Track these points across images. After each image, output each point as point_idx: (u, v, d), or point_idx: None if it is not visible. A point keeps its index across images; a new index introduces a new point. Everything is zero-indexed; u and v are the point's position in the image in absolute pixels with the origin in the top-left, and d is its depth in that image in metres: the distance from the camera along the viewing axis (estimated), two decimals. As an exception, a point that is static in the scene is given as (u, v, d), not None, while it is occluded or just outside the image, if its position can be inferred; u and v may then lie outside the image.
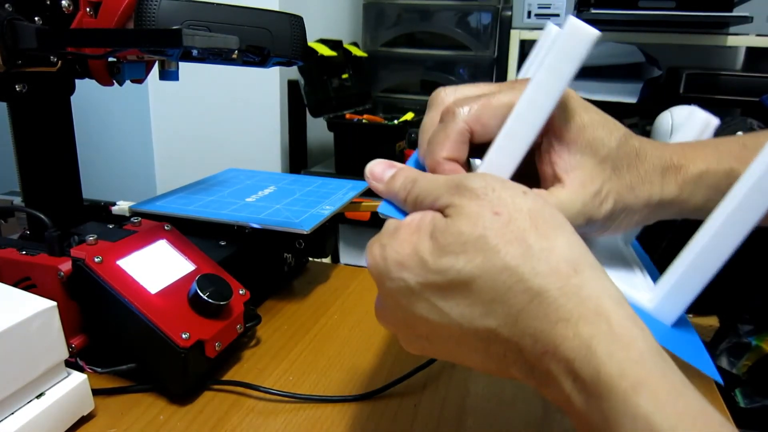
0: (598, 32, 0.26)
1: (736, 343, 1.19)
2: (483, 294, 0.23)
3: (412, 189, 0.27)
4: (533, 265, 0.22)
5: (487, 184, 0.25)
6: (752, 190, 0.24)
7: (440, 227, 0.24)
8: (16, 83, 0.42)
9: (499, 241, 0.23)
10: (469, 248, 0.23)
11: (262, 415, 0.39)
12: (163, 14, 0.38)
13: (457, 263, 0.23)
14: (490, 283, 0.23)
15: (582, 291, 0.22)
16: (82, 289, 0.39)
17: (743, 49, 1.52)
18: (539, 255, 0.22)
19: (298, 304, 0.56)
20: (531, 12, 1.29)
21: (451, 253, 0.23)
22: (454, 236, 0.24)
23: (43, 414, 0.34)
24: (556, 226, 0.24)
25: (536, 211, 0.24)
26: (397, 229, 0.26)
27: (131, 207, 0.56)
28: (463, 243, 0.23)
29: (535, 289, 0.22)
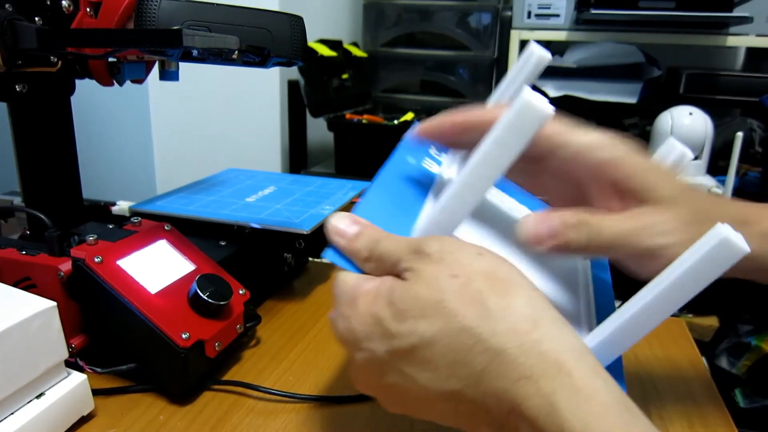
0: (551, 111, 0.25)
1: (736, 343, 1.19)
2: (445, 357, 0.23)
3: (374, 249, 0.27)
4: (492, 325, 0.23)
5: (443, 247, 0.25)
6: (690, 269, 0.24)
7: (399, 292, 0.25)
8: (16, 83, 0.42)
9: (457, 304, 0.23)
10: (429, 312, 0.23)
11: (262, 415, 0.39)
12: (163, 14, 0.38)
13: (418, 328, 0.24)
14: (450, 346, 0.23)
15: (541, 346, 0.22)
16: (82, 289, 0.39)
17: (743, 49, 1.52)
18: (497, 315, 0.23)
19: (298, 304, 0.56)
20: (531, 12, 1.29)
21: (411, 318, 0.24)
22: (412, 301, 0.24)
23: (43, 414, 0.34)
24: (513, 284, 0.24)
25: (492, 272, 0.24)
26: (355, 298, 0.26)
27: (131, 207, 0.56)
28: (423, 308, 0.24)
29: (495, 348, 0.22)
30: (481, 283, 0.24)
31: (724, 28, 1.22)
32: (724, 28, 1.22)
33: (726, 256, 0.23)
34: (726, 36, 1.22)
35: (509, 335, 0.22)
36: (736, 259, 0.23)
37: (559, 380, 0.21)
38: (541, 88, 1.34)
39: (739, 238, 0.23)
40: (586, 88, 1.31)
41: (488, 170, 0.27)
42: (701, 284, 0.24)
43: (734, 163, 1.04)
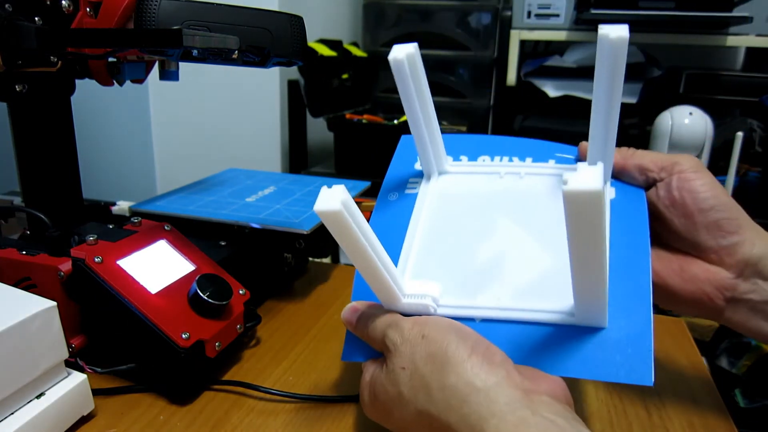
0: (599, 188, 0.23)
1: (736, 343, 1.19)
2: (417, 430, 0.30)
3: (364, 330, 0.34)
4: (437, 405, 0.28)
5: (397, 338, 0.31)
6: None
7: (378, 386, 0.32)
8: (16, 83, 0.42)
9: (410, 395, 0.29)
10: (395, 404, 0.30)
11: (262, 415, 0.39)
12: (163, 14, 0.38)
13: (393, 416, 0.31)
14: (418, 424, 0.29)
15: (469, 419, 0.27)
16: (82, 289, 0.39)
17: (743, 49, 1.52)
18: (438, 396, 0.28)
19: (298, 304, 0.56)
20: (531, 12, 1.29)
21: (387, 409, 0.31)
22: (383, 395, 0.31)
23: (43, 414, 0.34)
24: (448, 363, 0.28)
25: (433, 355, 0.29)
26: (362, 391, 0.34)
27: (131, 207, 0.56)
28: (390, 400, 0.31)
29: (444, 424, 0.28)
30: (424, 368, 0.29)
31: (724, 28, 1.22)
32: (724, 28, 1.22)
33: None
34: (726, 36, 1.22)
35: (448, 411, 0.27)
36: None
37: None
38: (541, 88, 1.34)
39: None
40: (586, 88, 1.31)
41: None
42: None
43: (734, 163, 1.04)
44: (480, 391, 0.27)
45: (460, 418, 0.27)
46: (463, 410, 0.27)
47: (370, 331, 0.34)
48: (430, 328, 0.30)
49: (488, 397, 0.27)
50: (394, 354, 0.31)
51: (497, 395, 0.27)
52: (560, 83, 1.34)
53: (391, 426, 0.32)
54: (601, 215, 0.24)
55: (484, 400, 0.27)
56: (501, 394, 0.27)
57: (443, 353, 0.29)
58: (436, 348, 0.29)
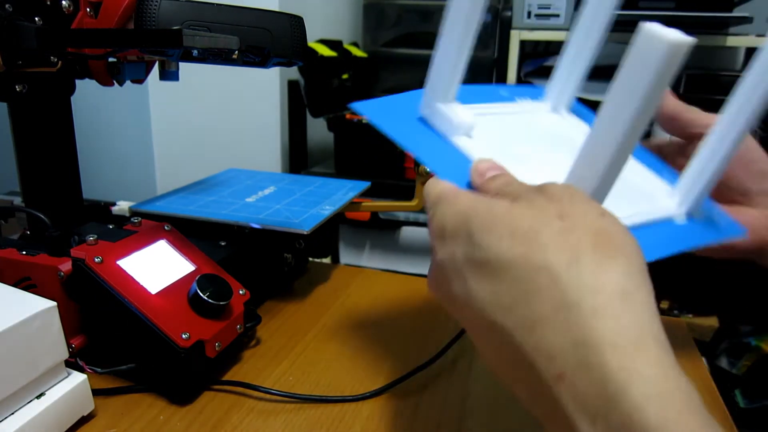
0: (684, 39, 0.21)
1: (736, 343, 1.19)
2: (512, 287, 0.21)
3: (503, 188, 0.26)
4: (577, 277, 0.20)
5: (565, 191, 0.23)
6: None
7: (500, 207, 0.23)
8: (16, 83, 0.42)
9: (550, 242, 0.21)
10: (518, 235, 0.22)
11: (262, 415, 0.39)
12: (163, 14, 0.38)
13: (500, 245, 0.22)
14: (522, 277, 0.21)
15: (622, 319, 0.19)
16: (82, 289, 0.39)
17: (743, 50, 1.51)
18: (587, 270, 0.20)
19: (298, 304, 0.56)
20: (531, 12, 1.29)
21: (498, 232, 0.22)
22: (508, 218, 0.23)
23: (43, 414, 0.34)
24: (621, 252, 0.21)
25: (605, 234, 0.21)
26: (457, 195, 0.25)
27: (131, 207, 0.56)
28: (514, 228, 0.22)
29: (568, 300, 0.20)
30: (586, 236, 0.21)
31: (724, 28, 1.22)
32: (724, 28, 1.22)
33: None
34: (726, 36, 1.22)
35: (591, 294, 0.20)
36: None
37: (633, 361, 0.18)
38: (541, 88, 1.34)
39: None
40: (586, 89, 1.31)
41: (641, 122, 0.23)
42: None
43: (734, 163, 1.04)
44: (647, 304, 0.20)
45: (608, 308, 0.20)
46: (614, 302, 0.20)
47: (513, 185, 0.26)
48: (611, 213, 0.24)
49: (651, 312, 0.20)
50: (552, 198, 0.23)
51: (656, 317, 0.20)
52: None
53: (477, 257, 0.23)
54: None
55: (647, 307, 0.20)
56: (657, 319, 0.20)
57: (620, 241, 0.22)
58: (614, 231, 0.22)
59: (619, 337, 0.19)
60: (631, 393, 0.17)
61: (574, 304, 0.20)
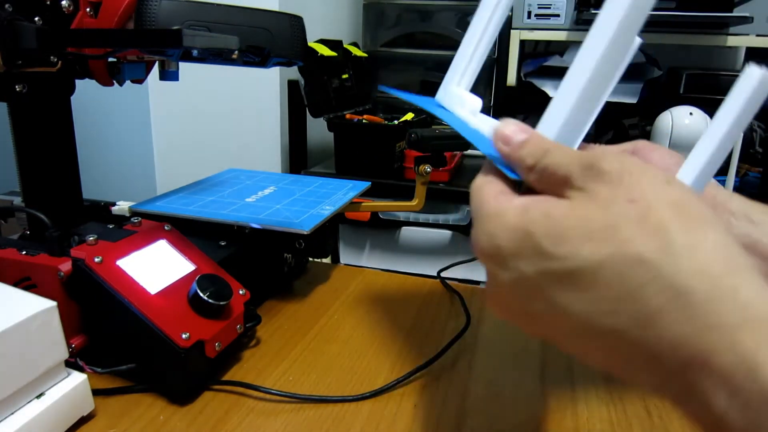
0: None
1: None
2: (610, 289, 0.20)
3: (541, 159, 0.24)
4: (676, 261, 0.19)
5: (623, 167, 0.22)
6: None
7: (560, 210, 0.22)
8: (16, 83, 0.42)
9: (633, 233, 0.20)
10: (597, 236, 0.20)
11: (262, 415, 0.39)
12: (163, 14, 0.38)
13: (582, 251, 0.20)
14: (619, 277, 0.20)
15: (740, 294, 0.18)
16: (82, 289, 0.39)
17: (743, 49, 1.51)
18: (683, 251, 0.19)
19: (298, 304, 0.56)
20: (531, 12, 1.29)
21: (574, 239, 0.21)
22: (578, 221, 0.21)
23: (43, 414, 0.34)
24: (705, 221, 0.20)
25: (682, 203, 0.20)
26: (502, 212, 0.23)
27: (131, 207, 0.56)
28: (590, 230, 0.21)
29: (678, 288, 0.19)
30: (666, 212, 0.20)
31: (724, 28, 1.22)
32: (724, 28, 1.22)
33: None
34: (726, 36, 1.22)
35: (698, 276, 0.19)
36: None
37: (765, 335, 0.18)
38: (541, 88, 1.34)
39: None
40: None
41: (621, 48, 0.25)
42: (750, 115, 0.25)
43: (734, 163, 1.04)
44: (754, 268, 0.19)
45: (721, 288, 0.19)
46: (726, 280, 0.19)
47: (553, 155, 0.24)
48: (674, 177, 0.23)
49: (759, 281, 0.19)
50: (616, 181, 0.21)
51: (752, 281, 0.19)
52: (560, 83, 1.34)
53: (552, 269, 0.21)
54: None
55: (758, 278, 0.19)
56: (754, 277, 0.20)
57: (698, 209, 0.21)
58: (688, 199, 0.21)
59: (743, 314, 0.18)
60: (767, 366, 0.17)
61: (685, 291, 0.19)
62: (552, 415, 0.40)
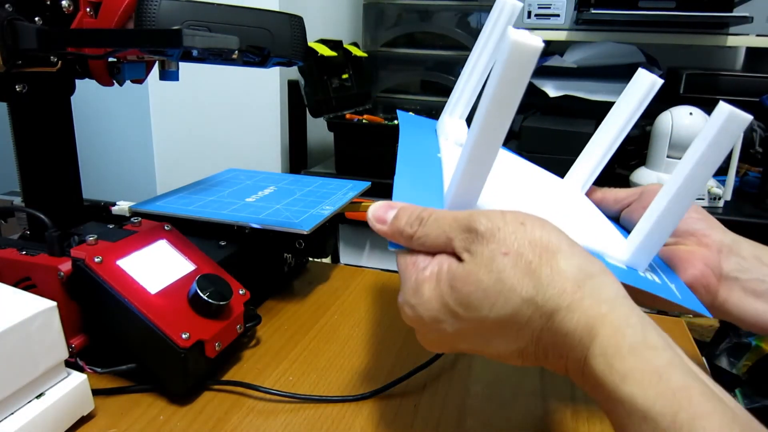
0: (540, 44, 0.25)
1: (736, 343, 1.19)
2: (511, 328, 0.27)
3: (419, 229, 0.29)
4: (545, 292, 0.26)
5: (492, 224, 0.27)
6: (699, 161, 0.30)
7: (459, 276, 0.27)
8: (16, 83, 0.42)
9: (514, 281, 0.26)
10: (491, 293, 0.26)
11: (262, 415, 0.39)
12: (163, 14, 0.38)
13: (483, 310, 0.27)
14: (515, 318, 0.26)
15: (584, 302, 0.25)
16: (82, 289, 0.39)
17: (743, 49, 1.51)
18: (548, 282, 0.26)
19: (298, 304, 0.56)
20: (531, 12, 1.29)
21: (476, 300, 0.27)
22: (474, 285, 0.27)
23: (43, 414, 0.34)
24: (556, 250, 0.27)
25: (537, 241, 0.27)
26: (418, 286, 0.29)
27: (131, 207, 0.56)
28: (484, 290, 0.26)
29: (549, 311, 0.26)
30: (530, 254, 0.26)
31: (724, 28, 1.22)
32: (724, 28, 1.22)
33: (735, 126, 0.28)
34: (726, 36, 1.22)
35: (559, 298, 0.26)
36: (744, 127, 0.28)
37: (600, 328, 0.25)
38: (541, 88, 1.34)
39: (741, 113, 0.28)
40: (586, 88, 1.31)
41: (499, 119, 0.27)
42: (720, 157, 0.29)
43: (734, 163, 1.04)
44: (594, 277, 0.26)
45: (573, 302, 0.26)
46: (576, 295, 0.26)
47: (429, 224, 0.29)
48: (526, 216, 0.28)
49: (602, 283, 0.26)
50: (489, 241, 0.27)
51: (608, 283, 0.26)
52: (560, 83, 1.34)
53: (466, 326, 0.28)
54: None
55: (598, 285, 0.26)
56: (611, 282, 0.27)
57: (548, 241, 0.27)
58: (540, 235, 0.27)
59: (587, 316, 0.25)
60: (606, 355, 0.24)
61: (554, 311, 0.26)
62: (552, 415, 0.40)
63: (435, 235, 0.29)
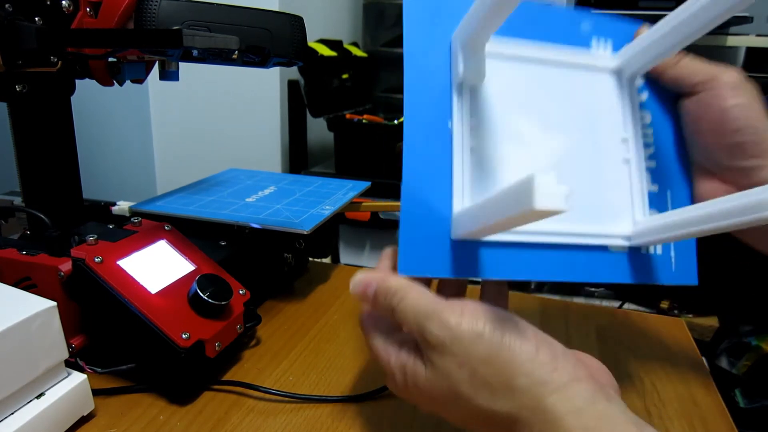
0: (563, 209, 0.23)
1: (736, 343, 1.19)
2: (477, 423, 0.28)
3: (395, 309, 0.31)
4: (503, 402, 0.27)
5: (444, 334, 0.28)
6: None
7: (420, 383, 0.29)
8: (16, 83, 0.42)
9: (470, 391, 0.27)
10: (449, 402, 0.28)
11: (262, 415, 0.39)
12: (163, 14, 0.38)
13: (448, 413, 0.29)
14: (476, 422, 0.28)
15: (546, 415, 0.26)
16: (82, 289, 0.39)
17: (743, 49, 1.51)
18: (505, 395, 0.27)
19: (298, 304, 0.56)
20: (531, 12, 1.29)
21: (439, 405, 0.29)
22: (438, 391, 0.29)
23: (43, 414, 0.34)
24: (513, 365, 0.27)
25: (493, 357, 0.27)
26: (388, 373, 0.32)
27: (131, 207, 0.56)
28: (445, 398, 0.28)
29: (513, 417, 0.27)
30: (485, 370, 0.27)
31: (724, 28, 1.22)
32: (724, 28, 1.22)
33: None
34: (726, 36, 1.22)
35: (520, 410, 0.26)
36: None
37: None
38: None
39: None
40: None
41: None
42: None
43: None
44: (557, 391, 0.26)
45: (533, 414, 0.26)
46: (539, 408, 0.26)
47: (398, 312, 0.30)
48: (485, 322, 0.28)
49: (566, 395, 0.26)
50: (443, 353, 0.28)
51: (576, 392, 0.26)
52: None
53: (434, 411, 0.30)
54: None
55: (562, 397, 0.26)
56: (579, 389, 0.26)
57: (507, 353, 0.27)
58: (497, 347, 0.27)
59: (545, 426, 0.26)
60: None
61: (516, 419, 0.26)
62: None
63: (406, 325, 0.30)
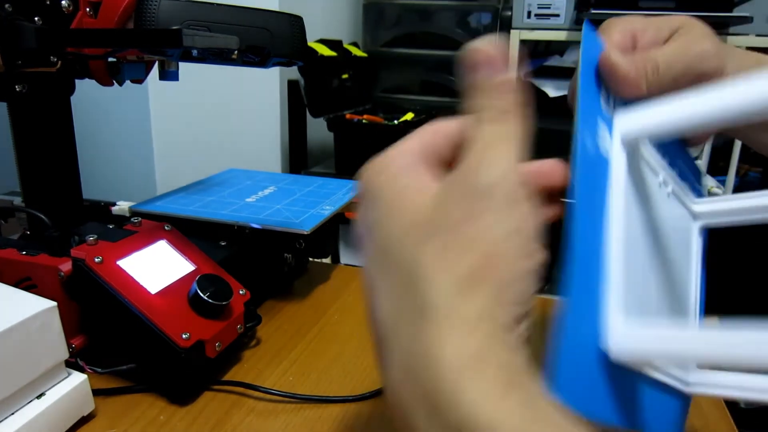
0: None
1: (736, 343, 1.19)
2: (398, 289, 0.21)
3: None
4: (441, 295, 0.19)
5: (492, 187, 0.20)
6: None
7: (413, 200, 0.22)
8: (16, 83, 0.42)
9: (434, 258, 0.20)
10: (420, 225, 0.21)
11: (262, 416, 0.39)
12: (163, 14, 0.38)
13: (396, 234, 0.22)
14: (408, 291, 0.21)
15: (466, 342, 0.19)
16: (83, 289, 0.39)
17: (743, 49, 1.52)
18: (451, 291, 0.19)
19: (299, 304, 0.56)
20: (531, 12, 1.29)
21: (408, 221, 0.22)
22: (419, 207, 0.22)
23: (43, 414, 0.34)
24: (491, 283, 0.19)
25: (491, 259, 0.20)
26: None
27: (131, 207, 0.56)
28: (414, 221, 0.21)
29: (424, 311, 0.19)
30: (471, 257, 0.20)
31: (724, 28, 1.22)
32: (724, 28, 1.22)
33: None
34: (726, 36, 1.22)
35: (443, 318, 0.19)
36: None
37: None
38: (541, 88, 1.34)
39: None
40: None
41: None
42: None
43: (734, 163, 1.04)
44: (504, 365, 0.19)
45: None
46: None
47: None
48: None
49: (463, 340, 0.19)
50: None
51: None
52: (560, 83, 1.34)
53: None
54: None
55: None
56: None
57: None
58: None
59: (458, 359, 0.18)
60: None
61: (428, 317, 0.19)
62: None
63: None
